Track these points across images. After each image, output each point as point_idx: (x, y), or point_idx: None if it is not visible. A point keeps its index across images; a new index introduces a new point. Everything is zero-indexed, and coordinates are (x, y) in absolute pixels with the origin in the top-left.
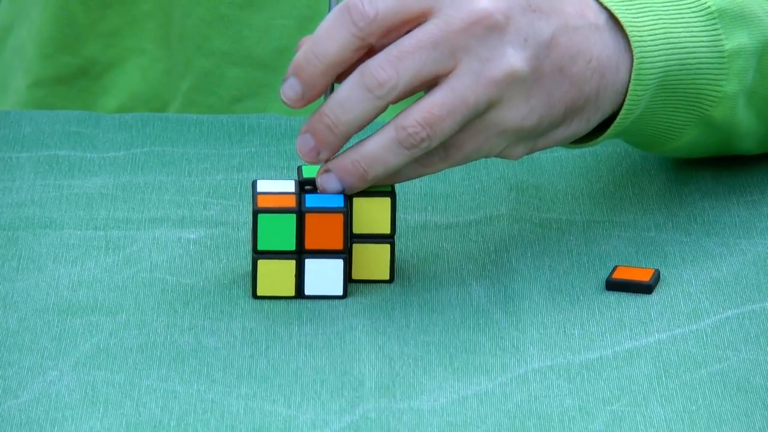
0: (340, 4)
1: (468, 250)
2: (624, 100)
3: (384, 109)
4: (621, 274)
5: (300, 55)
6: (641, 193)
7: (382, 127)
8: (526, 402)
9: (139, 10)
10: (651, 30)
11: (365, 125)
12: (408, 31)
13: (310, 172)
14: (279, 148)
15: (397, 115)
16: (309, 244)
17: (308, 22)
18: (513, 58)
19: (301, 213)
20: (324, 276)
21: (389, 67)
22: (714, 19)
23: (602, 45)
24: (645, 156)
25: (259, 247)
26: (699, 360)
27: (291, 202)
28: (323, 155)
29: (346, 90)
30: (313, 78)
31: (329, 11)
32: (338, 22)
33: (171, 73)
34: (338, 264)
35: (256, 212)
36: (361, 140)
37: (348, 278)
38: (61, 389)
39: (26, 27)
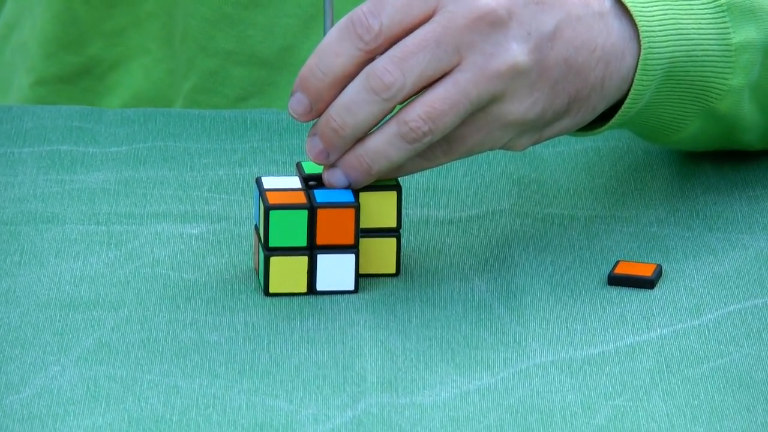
0: (344, 18)
1: (470, 246)
2: (630, 88)
3: (391, 110)
4: (623, 269)
5: (306, 70)
6: (643, 188)
7: (386, 122)
8: (528, 397)
9: (143, 9)
10: (660, 20)
11: (373, 127)
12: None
13: (310, 167)
14: (281, 143)
15: (400, 109)
16: (320, 240)
17: (313, 21)
18: (516, 52)
19: (312, 209)
20: (336, 271)
21: (394, 69)
22: (723, 12)
23: (606, 33)
24: (647, 151)
25: (271, 244)
26: (701, 355)
27: (301, 198)
28: (332, 157)
29: (352, 93)
30: (320, 92)
31: (324, 15)
32: (343, 36)
33: (174, 73)
34: (350, 259)
35: (268, 209)
36: (366, 136)
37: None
38: (63, 384)
39: (29, 25)
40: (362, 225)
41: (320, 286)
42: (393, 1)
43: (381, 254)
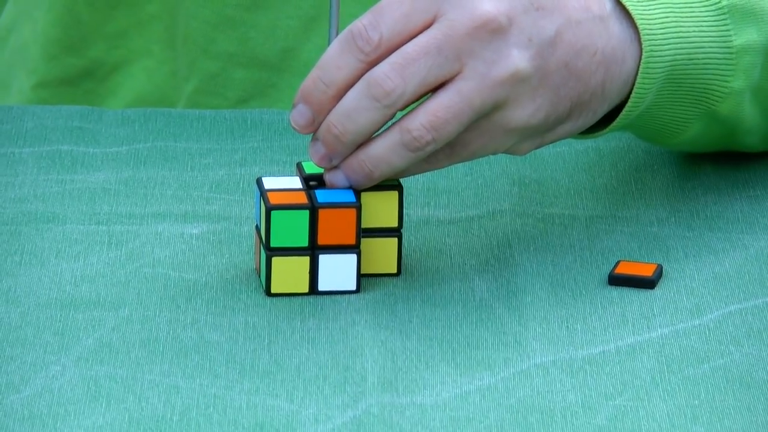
0: (345, 30)
1: (471, 246)
2: (631, 91)
3: (392, 116)
4: (624, 269)
5: (308, 82)
6: (644, 189)
7: (388, 128)
8: (528, 397)
9: (145, 11)
10: (661, 23)
11: (374, 133)
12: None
13: (311, 167)
14: (282, 143)
15: (403, 117)
16: (322, 240)
17: (314, 23)
18: (517, 59)
19: (314, 209)
20: (337, 271)
21: (395, 76)
22: (724, 14)
23: (607, 36)
24: (648, 151)
25: (272, 245)
26: (701, 355)
27: (302, 199)
28: (335, 162)
29: (352, 100)
30: (323, 104)
31: (330, 16)
32: (344, 49)
33: (176, 75)
34: (351, 259)
35: (270, 209)
36: (369, 140)
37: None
38: (64, 384)
39: (29, 27)
40: (363, 225)
41: (322, 287)
42: (392, 11)
43: (382, 254)
